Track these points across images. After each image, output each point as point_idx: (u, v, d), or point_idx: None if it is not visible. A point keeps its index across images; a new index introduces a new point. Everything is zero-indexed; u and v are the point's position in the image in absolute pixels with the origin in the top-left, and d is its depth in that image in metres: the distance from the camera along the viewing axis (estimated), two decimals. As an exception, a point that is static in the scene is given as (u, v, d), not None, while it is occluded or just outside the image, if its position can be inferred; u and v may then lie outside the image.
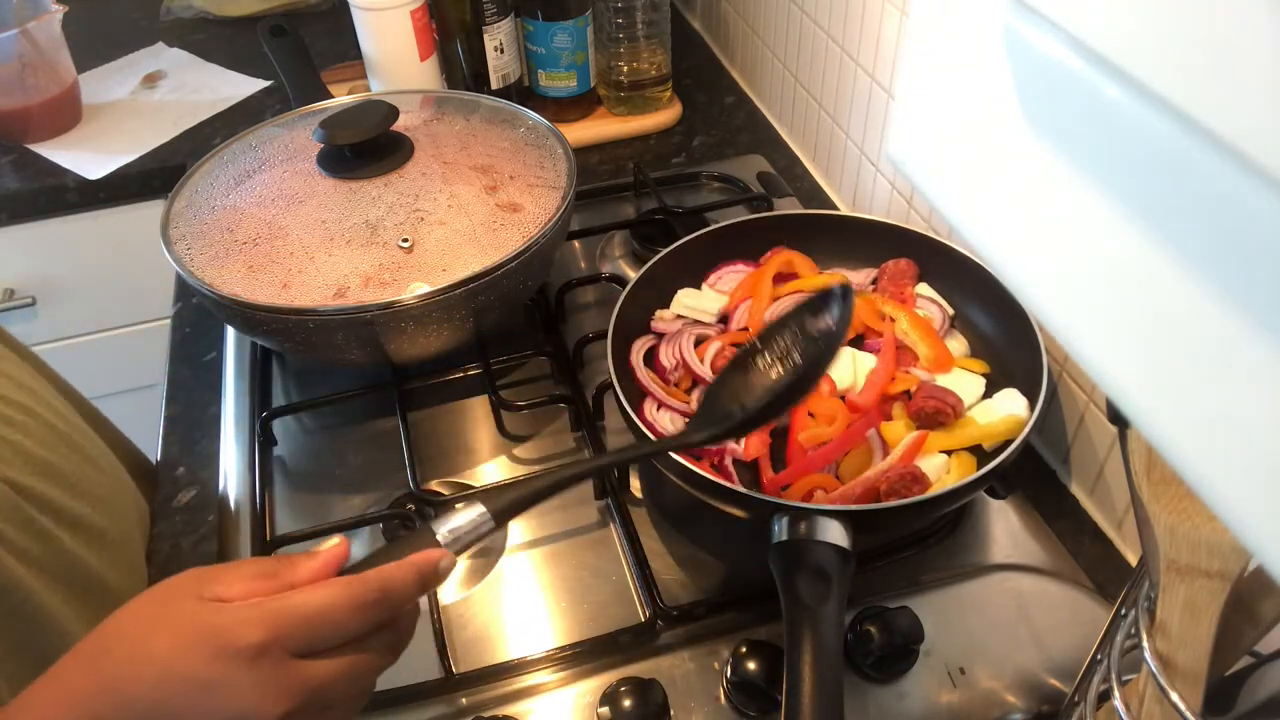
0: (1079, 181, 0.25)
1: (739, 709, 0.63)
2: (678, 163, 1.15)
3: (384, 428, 0.85)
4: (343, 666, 0.43)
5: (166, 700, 0.40)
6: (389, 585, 0.44)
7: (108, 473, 0.75)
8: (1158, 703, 0.45)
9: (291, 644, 0.42)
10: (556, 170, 0.86)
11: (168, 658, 0.41)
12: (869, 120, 0.95)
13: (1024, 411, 0.70)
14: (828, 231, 0.85)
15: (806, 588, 0.56)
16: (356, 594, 0.43)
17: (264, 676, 0.41)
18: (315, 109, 0.95)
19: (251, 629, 0.41)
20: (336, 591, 0.43)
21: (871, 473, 0.69)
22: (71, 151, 1.18)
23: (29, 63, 1.15)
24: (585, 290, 0.97)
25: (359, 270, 0.76)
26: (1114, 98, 0.23)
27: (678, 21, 1.38)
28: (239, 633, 0.41)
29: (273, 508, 0.79)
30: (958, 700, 0.63)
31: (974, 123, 0.29)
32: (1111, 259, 0.24)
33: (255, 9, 1.43)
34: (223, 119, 1.24)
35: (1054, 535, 0.74)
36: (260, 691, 0.41)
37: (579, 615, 0.70)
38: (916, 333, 0.78)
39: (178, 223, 0.82)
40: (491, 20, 1.10)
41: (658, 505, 0.77)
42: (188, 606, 0.42)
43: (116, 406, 1.35)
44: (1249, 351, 0.20)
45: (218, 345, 0.94)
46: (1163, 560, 0.43)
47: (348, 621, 0.43)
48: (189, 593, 0.43)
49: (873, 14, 0.89)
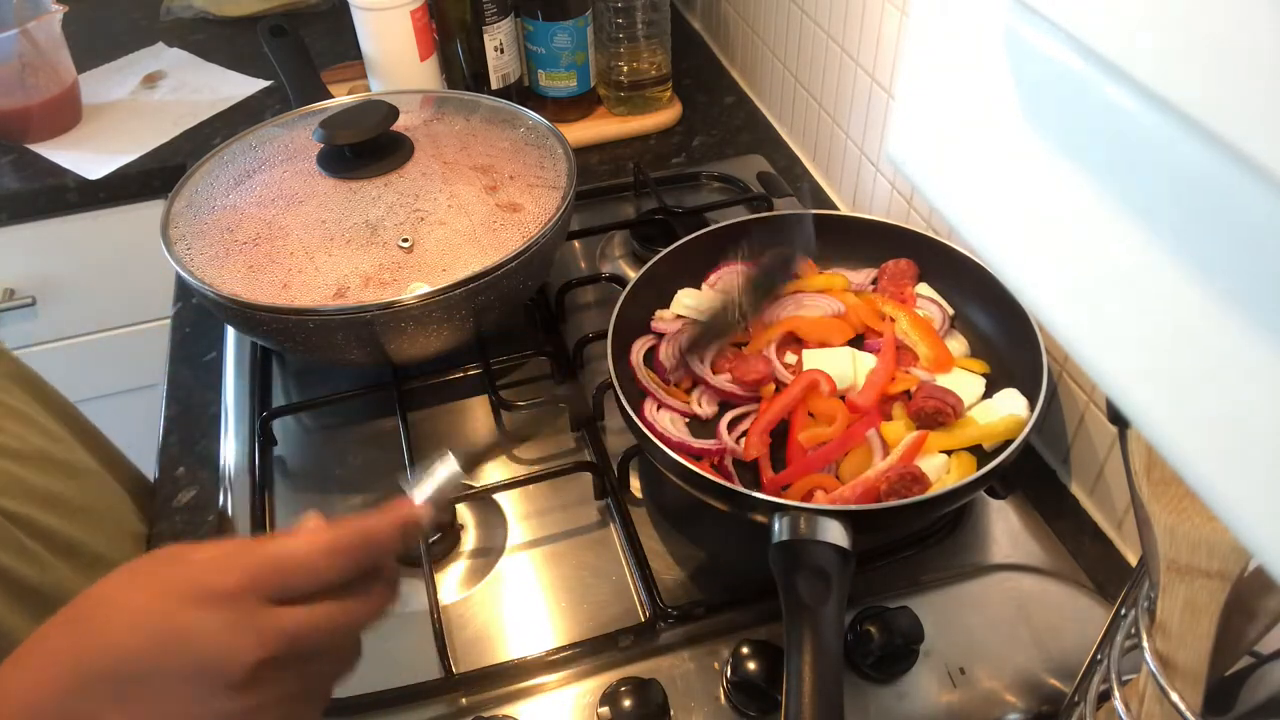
0: (1079, 181, 0.25)
1: (739, 709, 0.63)
2: (678, 163, 1.15)
3: (384, 428, 0.85)
4: (323, 614, 0.42)
5: (143, 649, 0.40)
6: (367, 531, 0.44)
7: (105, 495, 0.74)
8: (1158, 703, 0.45)
9: (267, 589, 0.41)
10: (556, 170, 0.86)
11: (143, 609, 0.40)
12: (869, 120, 0.95)
13: (1024, 411, 0.70)
14: (828, 231, 0.85)
15: (806, 588, 0.56)
16: (332, 538, 0.43)
17: (238, 621, 0.40)
18: (315, 109, 0.95)
19: (225, 574, 0.41)
20: (312, 538, 0.43)
21: (871, 473, 0.69)
22: (71, 151, 1.18)
23: (29, 63, 1.15)
24: (585, 290, 0.97)
25: (359, 270, 0.76)
26: (1114, 98, 0.23)
27: (678, 21, 1.38)
28: (212, 578, 0.40)
29: (273, 508, 0.79)
30: (958, 700, 0.63)
31: (974, 123, 0.29)
32: (1111, 259, 0.24)
33: (255, 9, 1.43)
34: (223, 119, 1.24)
35: (1054, 535, 0.74)
36: (234, 636, 0.40)
37: (579, 615, 0.70)
38: (916, 333, 0.78)
39: (178, 223, 0.82)
40: (491, 20, 1.10)
41: (658, 505, 0.77)
42: (164, 565, 0.42)
43: (116, 406, 1.35)
44: (1249, 351, 0.20)
45: (218, 345, 0.94)
46: (1163, 560, 0.43)
47: (324, 565, 0.42)
48: (167, 556, 0.43)
49: (873, 14, 0.89)
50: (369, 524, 0.45)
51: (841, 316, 0.81)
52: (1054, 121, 0.26)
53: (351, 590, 0.44)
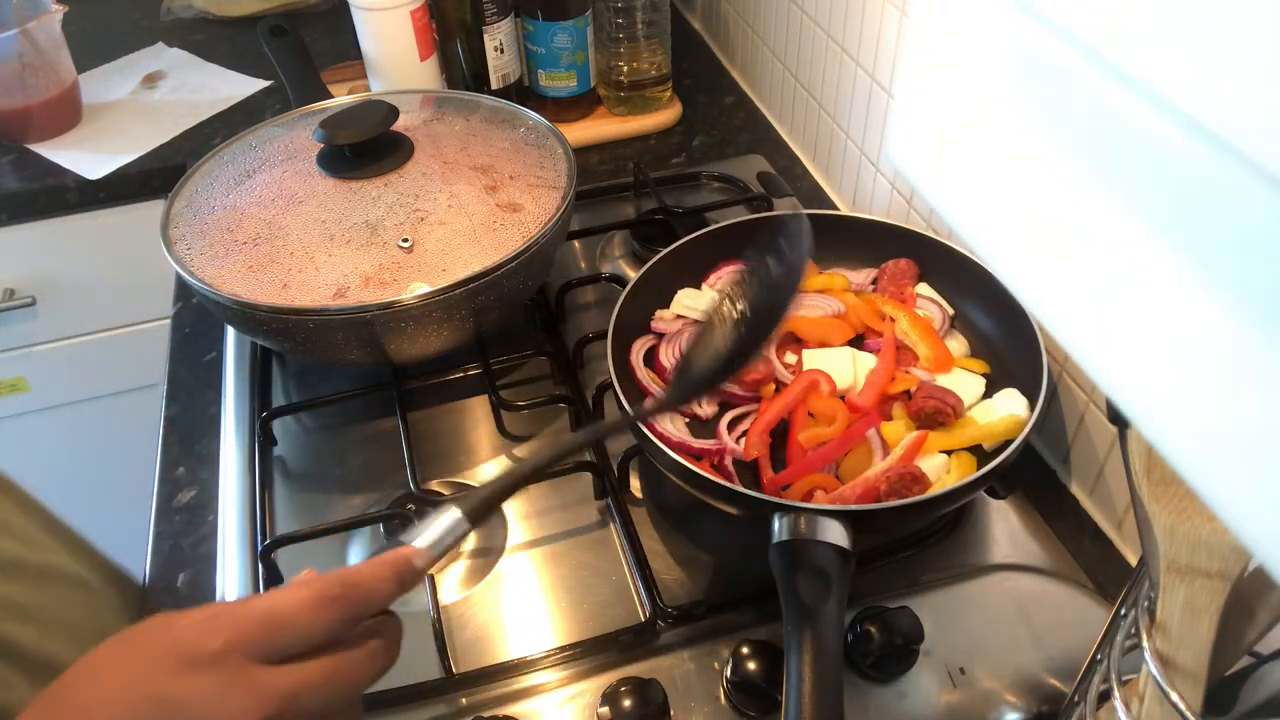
0: (1079, 182, 0.25)
1: (739, 709, 0.63)
2: (678, 163, 1.15)
3: (384, 428, 0.85)
4: (318, 672, 0.40)
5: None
6: (358, 581, 0.42)
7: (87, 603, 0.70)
8: (1158, 703, 0.45)
9: (255, 649, 0.39)
10: (556, 170, 0.86)
11: (130, 683, 0.39)
12: (869, 120, 0.95)
13: (1024, 411, 0.70)
14: (828, 231, 0.85)
15: (806, 588, 0.56)
16: (320, 591, 0.41)
17: (230, 684, 0.38)
18: (315, 109, 0.95)
19: (211, 637, 0.39)
20: (299, 591, 0.41)
21: (871, 473, 0.69)
22: (71, 151, 1.18)
23: (29, 63, 1.15)
24: (585, 290, 0.97)
25: (359, 270, 0.76)
26: (1114, 98, 0.23)
27: (678, 21, 1.38)
28: (198, 643, 0.39)
29: (272, 508, 0.79)
30: (958, 700, 0.63)
31: (974, 123, 0.29)
32: (1112, 259, 0.24)
33: (255, 9, 1.43)
34: (223, 119, 1.24)
35: (1054, 535, 0.74)
36: (227, 700, 0.38)
37: (579, 615, 0.70)
38: (916, 333, 0.78)
39: (178, 223, 0.82)
40: (491, 20, 1.10)
41: (658, 505, 0.77)
42: (148, 635, 0.40)
43: (116, 406, 1.36)
44: (1250, 351, 0.20)
45: (218, 345, 0.94)
46: (1163, 560, 0.43)
47: (313, 621, 0.40)
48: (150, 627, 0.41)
49: (873, 14, 0.89)
50: (360, 574, 0.43)
51: (841, 316, 0.81)
52: (1054, 122, 0.26)
53: (350, 646, 0.42)
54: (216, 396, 0.89)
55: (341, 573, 0.42)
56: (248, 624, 0.40)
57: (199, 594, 0.73)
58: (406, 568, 0.44)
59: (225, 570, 0.74)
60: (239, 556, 0.75)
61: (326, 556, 0.74)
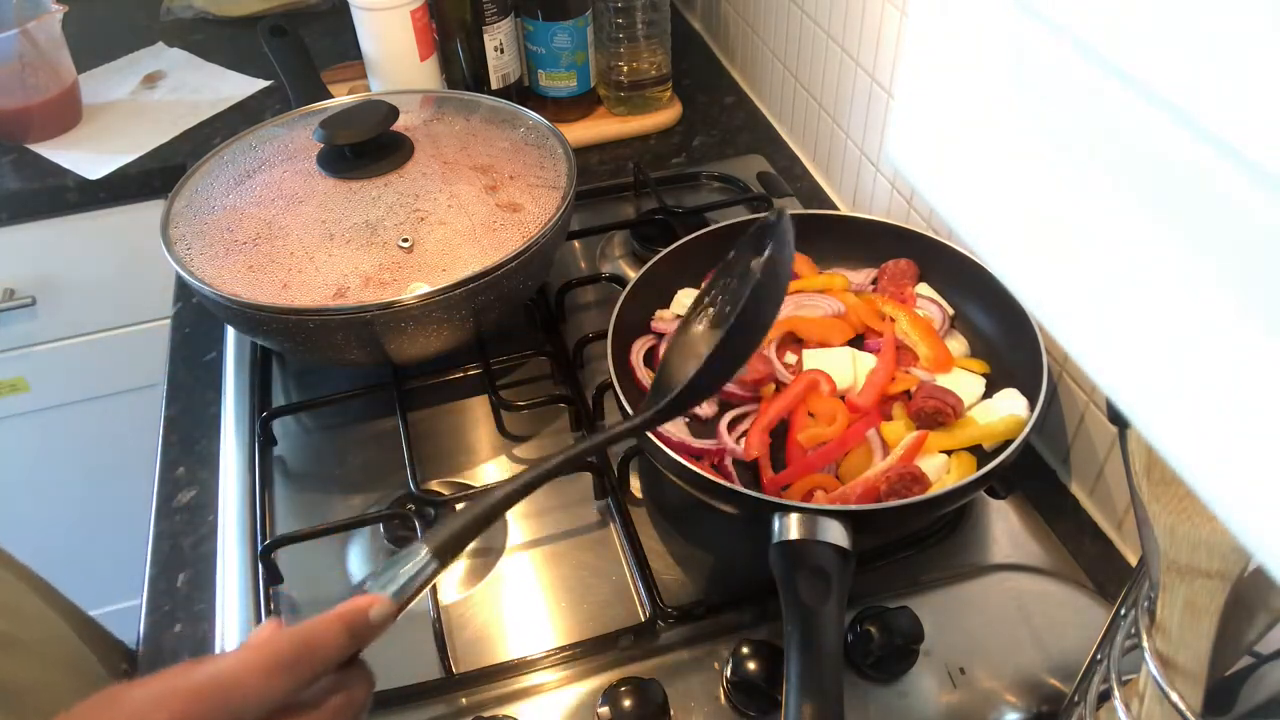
0: (1079, 182, 0.25)
1: (739, 709, 0.63)
2: (678, 163, 1.15)
3: (384, 428, 0.85)
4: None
5: None
6: (310, 640, 0.41)
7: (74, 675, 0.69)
8: (1158, 703, 0.45)
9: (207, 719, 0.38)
10: (556, 170, 0.86)
11: None
12: (869, 120, 0.95)
13: (1024, 411, 0.70)
14: (828, 231, 0.85)
15: (806, 588, 0.56)
16: (271, 654, 0.40)
17: None
18: (315, 109, 0.95)
19: (156, 711, 0.37)
20: (249, 656, 0.39)
21: (871, 473, 0.69)
22: (71, 151, 1.18)
23: (29, 63, 1.15)
24: (585, 290, 0.97)
25: (359, 270, 0.76)
26: (1114, 98, 0.23)
27: (678, 21, 1.38)
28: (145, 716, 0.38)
29: (272, 508, 0.79)
30: (958, 700, 0.63)
31: (974, 123, 0.29)
32: (1112, 259, 0.24)
33: (255, 9, 1.43)
34: (223, 119, 1.24)
35: (1054, 535, 0.74)
36: None
37: (579, 615, 0.70)
38: (916, 333, 0.78)
39: (178, 223, 0.82)
40: (491, 20, 1.10)
41: (658, 505, 0.77)
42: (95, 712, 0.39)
43: (116, 406, 1.36)
44: (1250, 351, 0.20)
45: (218, 345, 0.94)
46: (1163, 560, 0.43)
47: (264, 688, 0.39)
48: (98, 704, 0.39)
49: (873, 14, 0.89)
50: (311, 629, 0.41)
51: (841, 316, 0.81)
52: (1054, 122, 0.26)
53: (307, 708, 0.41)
54: (216, 396, 0.89)
55: (293, 632, 0.41)
56: (196, 698, 0.38)
57: (199, 594, 0.73)
58: (360, 620, 0.43)
59: (225, 570, 0.74)
60: (239, 556, 0.75)
61: (326, 556, 0.74)
